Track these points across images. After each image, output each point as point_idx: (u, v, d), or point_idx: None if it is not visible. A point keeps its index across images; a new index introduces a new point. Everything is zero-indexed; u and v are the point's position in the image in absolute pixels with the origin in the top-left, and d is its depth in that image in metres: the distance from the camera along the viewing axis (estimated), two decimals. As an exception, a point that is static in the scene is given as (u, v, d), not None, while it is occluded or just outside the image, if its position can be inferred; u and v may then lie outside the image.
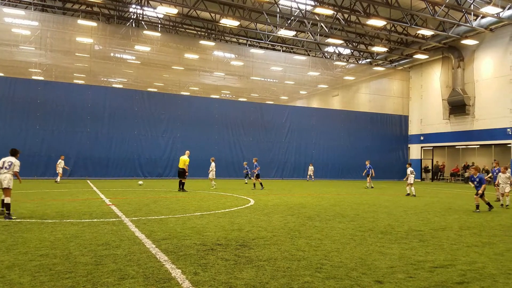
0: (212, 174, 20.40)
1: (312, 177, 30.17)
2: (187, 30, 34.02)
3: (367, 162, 23.58)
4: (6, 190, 8.80)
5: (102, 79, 29.34)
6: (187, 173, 17.47)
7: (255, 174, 19.96)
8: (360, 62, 38.23)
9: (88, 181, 22.87)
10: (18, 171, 9.10)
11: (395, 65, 37.10)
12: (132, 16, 30.82)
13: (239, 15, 26.90)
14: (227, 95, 35.84)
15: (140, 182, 20.84)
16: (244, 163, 23.58)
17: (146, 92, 29.24)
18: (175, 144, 27.82)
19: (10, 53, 26.21)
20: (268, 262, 5.42)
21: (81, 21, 26.84)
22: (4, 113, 23.92)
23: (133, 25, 31.21)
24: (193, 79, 32.65)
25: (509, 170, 14.26)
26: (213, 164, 20.52)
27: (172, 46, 30.63)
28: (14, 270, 4.74)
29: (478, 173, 12.40)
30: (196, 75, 32.17)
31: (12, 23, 25.99)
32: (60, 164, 21.40)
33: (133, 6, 28.21)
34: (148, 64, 30.08)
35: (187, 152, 17.98)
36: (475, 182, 12.20)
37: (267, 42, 33.38)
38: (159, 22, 32.03)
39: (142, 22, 31.40)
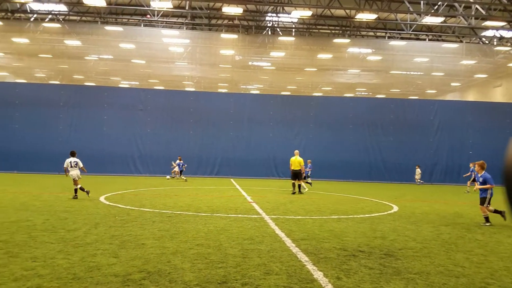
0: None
1: (475, 183, 25.92)
2: (320, 31, 34.10)
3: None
4: (76, 181, 12.05)
5: (242, 86, 31.73)
6: (303, 174, 17.32)
7: (304, 176, 18.88)
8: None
9: (231, 179, 24.95)
10: (82, 166, 12.33)
11: None
12: (268, 24, 32.46)
13: (377, 8, 25.62)
14: (363, 93, 34.49)
15: (168, 177, 21.16)
16: (308, 161, 21.83)
17: (280, 96, 30.36)
18: (308, 146, 28.09)
19: (168, 69, 30.60)
20: (419, 276, 4.91)
21: (224, 35, 29.61)
22: (165, 121, 28.03)
23: (269, 33, 32.83)
24: (326, 79, 32.52)
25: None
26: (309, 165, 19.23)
27: (305, 49, 31.13)
28: (177, 256, 5.42)
29: (483, 171, 9.36)
30: (329, 74, 31.96)
31: (169, 43, 30.34)
32: (177, 163, 23.75)
33: (269, 14, 29.68)
34: (282, 68, 31.25)
35: (297, 151, 17.56)
36: (478, 183, 9.25)
37: (410, 32, 30.78)
38: (293, 26, 32.92)
39: (277, 29, 32.76)
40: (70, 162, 12.24)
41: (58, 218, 8.32)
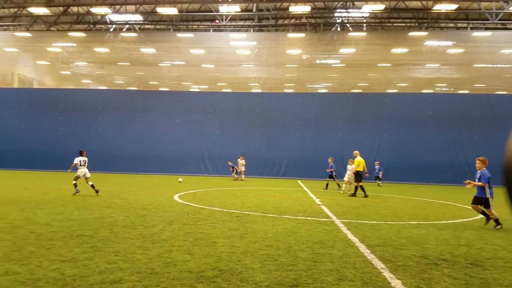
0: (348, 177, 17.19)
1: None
2: (394, 24, 32.52)
3: None
4: (87, 179, 13.18)
5: (309, 86, 31.42)
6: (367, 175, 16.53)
7: (330, 175, 18.30)
8: None
9: (298, 181, 24.81)
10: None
11: None
12: (337, 21, 31.76)
13: (457, -3, 23.80)
14: (443, 88, 32.15)
15: (180, 179, 20.82)
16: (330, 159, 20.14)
17: (351, 94, 29.50)
18: (381, 146, 26.90)
19: (235, 72, 31.40)
20: (513, 289, 4.43)
21: (290, 34, 29.62)
22: (233, 123, 28.80)
23: (338, 29, 32.12)
24: (401, 75, 30.88)
25: None
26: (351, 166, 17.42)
27: (377, 43, 29.91)
28: (247, 256, 5.50)
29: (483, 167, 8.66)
30: (404, 70, 30.33)
31: (236, 46, 31.14)
32: (240, 163, 23.88)
33: (338, 10, 29.04)
34: (352, 65, 30.36)
35: (357, 152, 16.62)
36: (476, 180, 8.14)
37: (496, 22, 28.09)
38: (364, 21, 31.83)
39: (347, 24, 31.92)
40: (80, 161, 13.18)
41: (137, 215, 8.95)
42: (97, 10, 28.94)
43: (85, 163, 13.40)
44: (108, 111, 29.84)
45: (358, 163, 15.75)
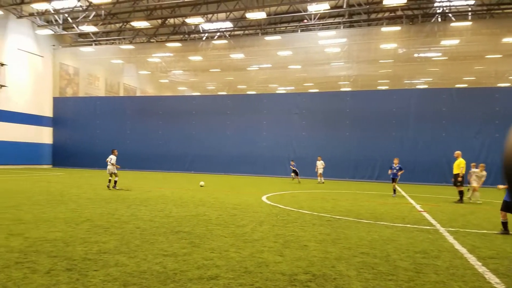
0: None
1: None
2: (505, 11, 28.95)
3: None
4: (113, 175, 15.00)
5: (406, 81, 29.53)
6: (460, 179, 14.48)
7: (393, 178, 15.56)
8: None
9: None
10: (114, 163, 15.17)
11: None
12: (438, 11, 29.37)
13: None
14: None
15: (202, 182, 18.02)
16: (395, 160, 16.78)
17: (455, 89, 27.01)
18: (492, 146, 24.07)
19: (323, 71, 30.92)
20: None
21: (384, 28, 28.19)
22: (320, 123, 28.41)
23: (439, 20, 29.68)
24: (515, 67, 27.32)
25: None
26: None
27: (485, 33, 26.93)
28: (341, 263, 5.33)
29: None
30: (518, 61, 26.79)
31: (324, 44, 30.67)
32: (320, 165, 23.09)
33: (438, 0, 26.86)
34: (456, 58, 27.77)
35: (459, 152, 14.64)
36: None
37: None
38: (469, 9, 28.91)
39: (449, 14, 29.33)
40: (110, 158, 15.20)
41: (228, 214, 9.32)
42: (191, 20, 31.01)
43: (110, 160, 15.27)
44: (201, 115, 31.81)
45: (458, 164, 14.31)
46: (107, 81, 40.06)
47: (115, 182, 15.22)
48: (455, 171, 14.52)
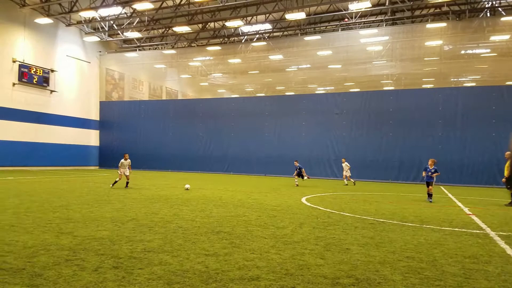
0: None
1: None
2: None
3: None
4: (127, 176, 16.16)
5: (452, 79, 28.23)
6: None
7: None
8: None
9: (441, 187, 22.44)
10: (125, 167, 16.18)
11: None
12: (486, 5, 27.86)
13: None
14: None
15: (187, 185, 16.52)
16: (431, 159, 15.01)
17: (505, 86, 25.46)
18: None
19: (365, 70, 30.18)
20: None
21: (429, 25, 27.13)
22: (361, 123, 27.77)
23: (487, 15, 28.14)
24: None
25: None
26: None
27: (541, 25, 25.18)
28: (386, 267, 5.17)
29: None
30: None
31: (366, 43, 29.96)
32: (345, 167, 22.24)
33: (487, -7, 25.50)
34: (506, 54, 26.20)
35: (510, 153, 13.54)
36: None
37: None
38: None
39: (499, 8, 27.74)
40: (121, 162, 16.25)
41: (268, 216, 9.33)
42: (231, 23, 31.43)
43: (121, 164, 16.26)
44: (240, 117, 32.15)
45: (510, 166, 13.45)
46: (151, 85, 41.49)
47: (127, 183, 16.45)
48: (506, 173, 13.69)
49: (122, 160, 16.33)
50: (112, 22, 33.92)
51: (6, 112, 29.27)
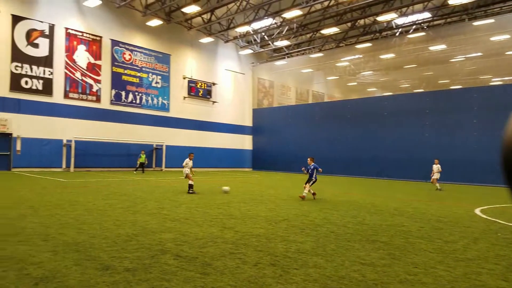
0: None
1: None
2: None
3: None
4: (188, 177, 14.06)
5: None
6: None
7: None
8: None
9: None
10: (186, 167, 14.31)
11: None
12: None
13: None
14: None
15: (226, 188, 14.39)
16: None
17: None
18: None
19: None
20: None
21: None
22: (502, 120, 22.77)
23: None
24: None
25: None
26: None
27: None
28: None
29: None
30: None
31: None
32: (435, 169, 20.30)
33: None
34: None
35: None
36: None
37: None
38: None
39: None
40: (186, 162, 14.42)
41: (432, 227, 8.44)
42: (383, 17, 30.00)
43: (186, 164, 14.34)
44: (393, 117, 30.29)
45: None
46: (297, 90, 42.92)
47: (190, 186, 14.03)
48: None
49: (187, 160, 14.28)
50: (263, 33, 36.37)
51: (178, 121, 34.88)
